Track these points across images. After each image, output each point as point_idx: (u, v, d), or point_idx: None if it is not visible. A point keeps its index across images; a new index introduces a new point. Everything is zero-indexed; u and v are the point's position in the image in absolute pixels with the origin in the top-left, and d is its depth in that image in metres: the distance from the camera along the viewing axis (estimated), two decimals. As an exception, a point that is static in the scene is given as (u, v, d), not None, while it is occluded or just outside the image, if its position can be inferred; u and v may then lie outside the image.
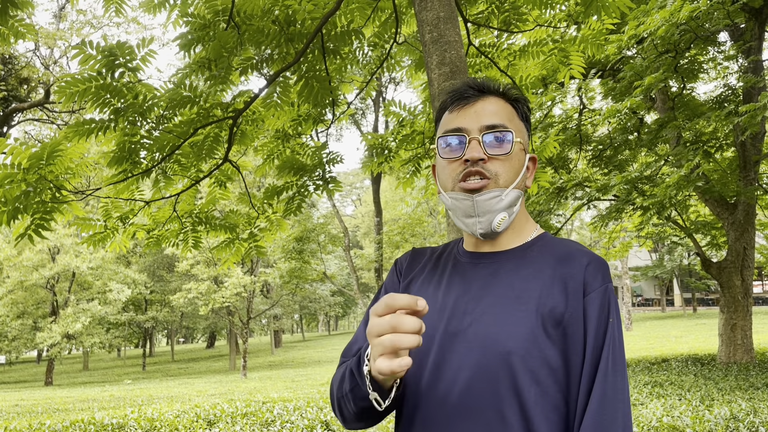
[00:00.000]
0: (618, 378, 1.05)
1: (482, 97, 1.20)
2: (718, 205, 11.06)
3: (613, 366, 1.05)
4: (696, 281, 41.51)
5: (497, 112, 1.18)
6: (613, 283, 12.51)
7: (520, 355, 1.06)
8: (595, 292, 1.09)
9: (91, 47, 3.97)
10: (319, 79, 4.69)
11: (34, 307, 33.90)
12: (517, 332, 1.07)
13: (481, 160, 1.14)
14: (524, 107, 1.24)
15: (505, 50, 5.29)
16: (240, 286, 27.35)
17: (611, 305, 1.09)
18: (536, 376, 1.05)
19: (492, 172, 1.14)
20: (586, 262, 1.12)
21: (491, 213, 1.14)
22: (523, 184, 1.19)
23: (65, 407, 13.06)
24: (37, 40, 16.33)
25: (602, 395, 1.03)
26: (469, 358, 1.09)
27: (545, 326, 1.07)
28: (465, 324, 1.12)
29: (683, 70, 9.74)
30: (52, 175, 4.05)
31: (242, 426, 6.06)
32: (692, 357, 13.40)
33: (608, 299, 1.09)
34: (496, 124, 1.16)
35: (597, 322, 1.07)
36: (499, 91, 1.22)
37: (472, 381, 1.08)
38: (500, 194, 1.14)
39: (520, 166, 1.18)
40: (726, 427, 5.07)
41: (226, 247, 5.62)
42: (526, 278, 1.12)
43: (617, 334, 1.07)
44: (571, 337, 1.07)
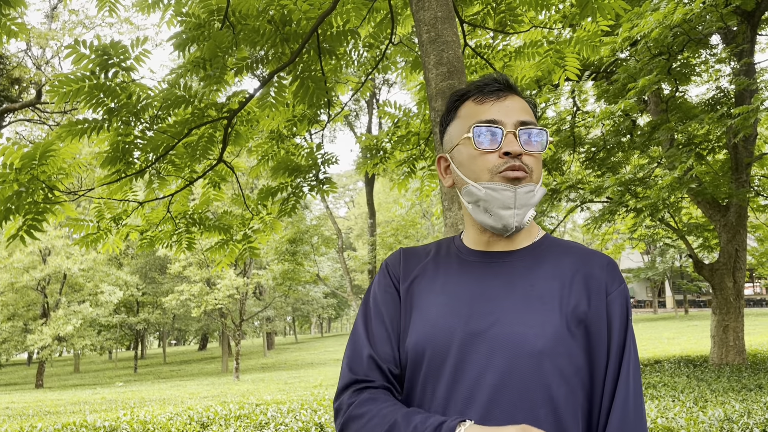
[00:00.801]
0: (638, 377, 1.09)
1: (511, 94, 1.20)
2: (710, 207, 11.11)
3: (634, 364, 1.09)
4: (688, 283, 41.73)
5: (526, 110, 1.19)
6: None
7: (550, 355, 1.05)
8: (616, 291, 1.11)
9: (85, 46, 3.94)
10: (315, 80, 4.68)
11: (24, 309, 33.65)
12: (545, 332, 1.07)
13: (520, 155, 1.13)
14: (536, 110, 1.26)
15: (500, 51, 5.29)
16: (232, 287, 27.27)
17: (629, 306, 1.12)
18: (565, 375, 1.06)
19: (529, 167, 1.14)
20: (605, 261, 1.15)
21: (527, 207, 1.13)
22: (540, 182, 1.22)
23: (56, 410, 12.96)
24: (29, 40, 16.23)
25: (626, 395, 1.06)
26: (495, 360, 1.06)
27: (569, 325, 1.08)
28: (486, 324, 1.08)
29: (676, 72, 9.78)
30: (44, 176, 4.02)
31: (236, 428, 6.02)
32: (685, 358, 13.45)
33: (626, 299, 1.12)
34: (530, 121, 1.17)
35: (620, 321, 1.10)
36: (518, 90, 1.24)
37: (500, 383, 1.05)
38: (534, 189, 1.14)
39: (542, 164, 1.20)
40: (720, 429, 5.08)
41: (220, 249, 5.59)
42: (546, 277, 1.13)
43: (633, 333, 1.11)
44: (595, 335, 1.09)
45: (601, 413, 1.07)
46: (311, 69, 4.74)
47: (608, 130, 11.60)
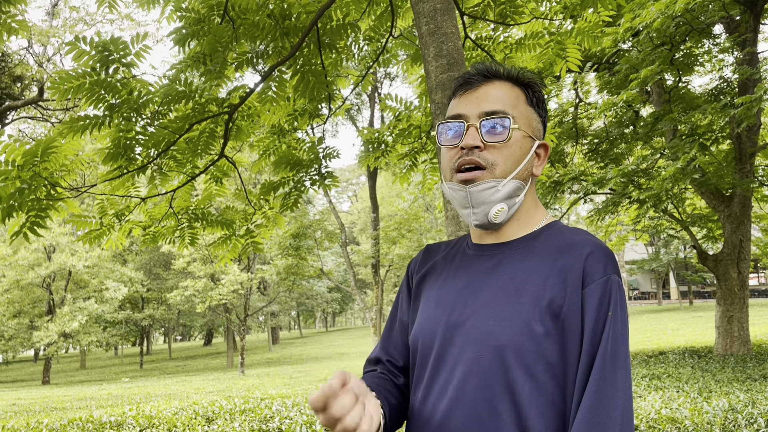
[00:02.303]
0: (618, 375, 0.99)
1: (487, 82, 1.15)
2: (714, 198, 11.07)
3: (612, 361, 0.99)
4: (692, 274, 41.66)
5: (500, 98, 1.13)
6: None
7: (514, 349, 1.03)
8: (594, 283, 1.03)
9: (85, 43, 3.93)
10: (315, 74, 4.67)
11: (30, 306, 33.80)
12: (512, 326, 1.04)
13: (477, 147, 1.10)
14: (537, 92, 1.18)
15: (501, 43, 5.27)
16: (237, 283, 27.33)
17: (612, 298, 1.02)
18: (531, 371, 1.02)
19: (489, 161, 1.10)
20: (587, 251, 1.05)
21: (486, 204, 1.11)
22: (526, 173, 1.14)
23: (63, 406, 13.03)
24: (30, 37, 16.24)
25: (597, 391, 0.98)
26: (466, 352, 1.07)
27: (543, 319, 1.03)
28: (465, 317, 1.10)
29: (679, 62, 9.74)
30: (47, 173, 4.02)
31: (241, 423, 6.04)
32: (689, 349, 13.44)
33: (609, 291, 1.02)
34: (496, 110, 1.11)
35: (595, 315, 1.01)
36: (508, 75, 1.17)
37: (467, 375, 1.06)
38: (496, 185, 1.10)
39: (523, 154, 1.12)
40: (725, 419, 5.08)
41: (223, 244, 5.60)
42: (528, 270, 1.08)
43: (619, 329, 1.01)
44: (569, 330, 1.02)
45: (572, 412, 1.01)
46: (312, 63, 4.73)
47: (611, 122, 11.57)
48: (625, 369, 1.00)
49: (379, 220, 28.31)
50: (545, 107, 1.21)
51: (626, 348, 1.01)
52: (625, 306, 1.04)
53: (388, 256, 29.41)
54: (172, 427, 6.05)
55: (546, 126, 1.21)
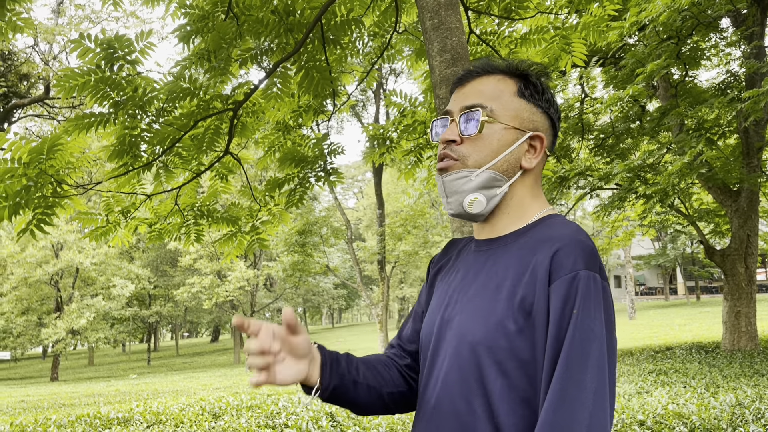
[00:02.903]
0: (587, 375, 0.94)
1: (477, 78, 1.17)
2: (721, 193, 11.02)
3: (579, 361, 0.95)
4: (699, 269, 41.50)
5: (482, 92, 1.14)
6: (615, 272, 12.42)
7: (487, 346, 1.03)
8: (559, 280, 1.00)
9: (90, 40, 3.94)
10: (320, 70, 4.67)
11: (38, 304, 34.00)
12: (487, 323, 1.05)
13: (453, 141, 1.13)
14: (533, 83, 1.17)
15: (506, 38, 5.25)
16: (243, 279, 27.41)
17: (579, 295, 0.98)
18: (503, 369, 1.02)
19: (461, 153, 1.12)
20: (556, 247, 1.02)
21: (459, 194, 1.12)
22: (507, 165, 1.13)
23: (71, 402, 13.11)
24: (36, 36, 16.29)
25: (561, 392, 0.94)
26: (451, 347, 1.10)
27: (516, 317, 1.02)
28: (454, 312, 1.12)
29: (685, 56, 9.67)
30: (52, 170, 4.04)
31: (247, 419, 6.07)
32: (696, 345, 13.39)
33: (576, 288, 0.98)
34: (473, 104, 1.13)
35: (559, 313, 0.98)
36: (502, 68, 1.17)
37: (449, 369, 1.08)
38: (469, 175, 1.11)
39: (502, 146, 1.12)
40: (732, 414, 5.06)
41: (229, 240, 5.61)
42: (508, 266, 1.08)
43: (588, 326, 0.96)
44: (538, 328, 1.01)
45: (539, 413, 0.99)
46: (316, 59, 4.73)
47: (617, 117, 11.52)
48: (596, 369, 0.95)
49: (384, 216, 28.30)
50: (548, 98, 1.17)
51: (599, 347, 0.96)
52: (598, 302, 0.99)
53: (394, 253, 29.42)
54: (179, 423, 6.08)
55: (554, 118, 1.18)
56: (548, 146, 1.18)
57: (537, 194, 1.17)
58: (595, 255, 1.02)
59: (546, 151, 1.17)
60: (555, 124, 1.19)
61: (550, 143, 1.19)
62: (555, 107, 1.18)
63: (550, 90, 1.19)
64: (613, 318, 1.02)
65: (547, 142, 1.17)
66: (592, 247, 1.03)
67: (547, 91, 1.18)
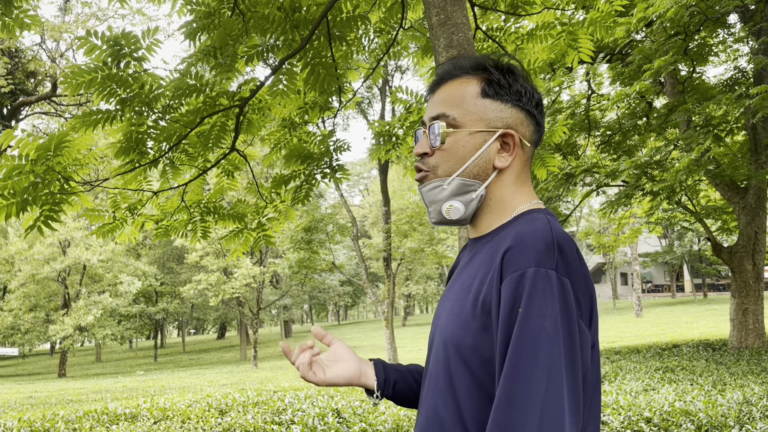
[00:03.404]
0: (537, 373, 0.92)
1: (444, 84, 1.18)
2: (728, 190, 10.97)
3: (530, 360, 0.93)
4: (706, 267, 41.32)
5: (445, 99, 1.15)
6: (621, 270, 12.36)
7: (455, 344, 1.06)
8: (507, 278, 0.99)
9: (97, 37, 3.95)
10: (325, 66, 4.66)
11: (46, 300, 34.19)
12: (456, 321, 1.07)
13: (425, 154, 1.16)
14: (496, 79, 1.14)
15: (512, 34, 5.23)
16: (249, 276, 27.47)
17: (525, 293, 0.96)
18: (469, 366, 1.03)
19: (431, 164, 1.15)
20: (507, 246, 1.02)
21: (436, 203, 1.14)
22: (477, 169, 1.13)
23: (78, 398, 13.19)
24: (43, 33, 16.35)
25: (508, 392, 0.93)
26: (434, 345, 1.15)
27: (480, 315, 1.03)
28: (440, 311, 1.17)
29: (693, 53, 9.62)
30: (60, 167, 4.05)
31: (254, 415, 6.08)
32: (703, 342, 13.34)
33: (523, 287, 0.96)
34: (437, 114, 1.15)
35: (506, 312, 0.97)
36: (466, 68, 1.16)
37: (432, 367, 1.13)
38: (442, 184, 1.13)
39: (468, 152, 1.12)
40: (739, 411, 5.04)
41: (235, 237, 5.62)
42: (480, 264, 1.09)
43: (536, 325, 0.94)
44: (494, 327, 1.01)
45: None
46: (322, 56, 4.73)
47: (624, 113, 11.47)
48: (548, 368, 0.92)
49: (390, 213, 28.28)
50: (517, 90, 1.14)
51: (551, 345, 0.93)
52: (550, 299, 0.95)
53: (400, 250, 29.40)
54: (186, 419, 6.11)
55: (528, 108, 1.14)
56: (529, 138, 1.15)
57: (519, 189, 1.15)
58: (550, 251, 0.99)
59: (526, 144, 1.14)
60: (532, 113, 1.15)
61: (531, 134, 1.16)
62: (528, 96, 1.14)
63: (522, 80, 1.15)
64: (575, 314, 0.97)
65: (527, 135, 1.15)
66: (548, 243, 1.00)
67: (516, 83, 1.14)
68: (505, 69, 1.15)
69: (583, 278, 1.01)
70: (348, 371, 1.27)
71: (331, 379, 1.25)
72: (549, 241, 1.00)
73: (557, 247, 0.99)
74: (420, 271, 43.42)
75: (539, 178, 5.60)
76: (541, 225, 1.04)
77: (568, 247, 1.01)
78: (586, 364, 0.99)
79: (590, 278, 1.04)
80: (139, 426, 5.78)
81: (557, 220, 1.10)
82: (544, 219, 1.06)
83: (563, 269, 0.98)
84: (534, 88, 1.16)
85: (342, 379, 1.26)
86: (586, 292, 1.01)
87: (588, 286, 1.02)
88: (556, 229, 1.03)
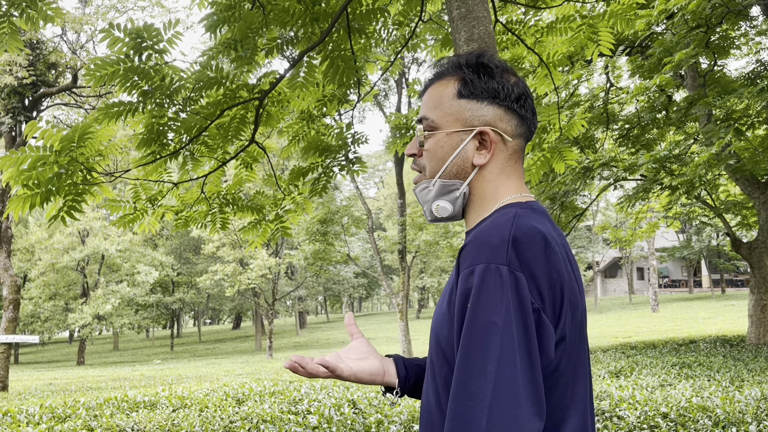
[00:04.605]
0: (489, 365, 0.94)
1: (430, 87, 1.21)
2: (749, 184, 10.84)
3: (477, 353, 0.95)
4: (725, 262, 40.86)
5: (427, 102, 1.20)
6: (638, 264, 12.30)
7: (435, 334, 1.11)
8: (461, 275, 1.03)
9: (119, 30, 3.99)
10: (345, 59, 4.67)
11: (65, 289, 34.68)
12: (438, 313, 1.13)
13: (413, 155, 1.22)
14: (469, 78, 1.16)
15: (532, 27, 5.20)
16: (265, 268, 27.64)
17: (474, 288, 0.98)
18: (446, 356, 1.07)
19: (421, 165, 1.21)
20: (466, 242, 1.07)
21: (427, 203, 1.20)
22: (456, 168, 1.16)
23: (98, 386, 13.39)
24: (64, 25, 16.50)
25: (459, 384, 0.96)
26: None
27: (452, 309, 1.06)
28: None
29: (714, 45, 9.50)
30: (83, 158, 4.11)
31: (270, 404, 6.15)
32: (721, 338, 13.23)
33: (471, 282, 0.99)
34: (420, 117, 1.20)
35: (459, 308, 1.01)
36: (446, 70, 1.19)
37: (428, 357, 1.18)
38: (428, 185, 1.19)
39: (446, 153, 1.16)
40: (757, 408, 5.01)
41: (253, 228, 5.67)
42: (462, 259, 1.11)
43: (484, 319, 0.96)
44: None
45: None
46: (341, 48, 4.74)
47: (643, 107, 11.36)
48: (498, 361, 0.94)
49: (405, 206, 28.27)
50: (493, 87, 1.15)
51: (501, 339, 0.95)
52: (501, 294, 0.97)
53: (415, 242, 29.41)
54: (203, 408, 6.19)
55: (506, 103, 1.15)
56: (511, 132, 1.15)
57: (503, 184, 1.16)
58: (503, 246, 1.00)
59: (508, 139, 1.15)
60: (512, 108, 1.15)
61: (514, 128, 1.16)
62: (506, 92, 1.15)
63: (498, 76, 1.16)
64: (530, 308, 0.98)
65: (508, 130, 1.15)
66: (503, 238, 1.01)
67: (492, 81, 1.15)
68: (480, 67, 1.16)
69: (552, 272, 1.01)
70: (373, 367, 1.28)
71: (356, 372, 1.25)
72: (504, 236, 1.01)
73: (512, 242, 1.00)
74: (434, 263, 43.40)
75: (557, 172, 5.58)
76: (504, 221, 1.05)
77: (529, 241, 1.01)
78: (549, 356, 0.99)
79: (564, 272, 1.04)
80: (158, 413, 5.87)
81: (537, 214, 1.10)
82: (512, 213, 1.07)
83: (517, 264, 0.99)
84: (515, 83, 1.17)
85: (366, 374, 1.27)
86: (554, 286, 1.01)
87: (559, 280, 1.02)
88: (519, 224, 1.03)
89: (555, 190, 11.06)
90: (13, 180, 3.89)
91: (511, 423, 0.92)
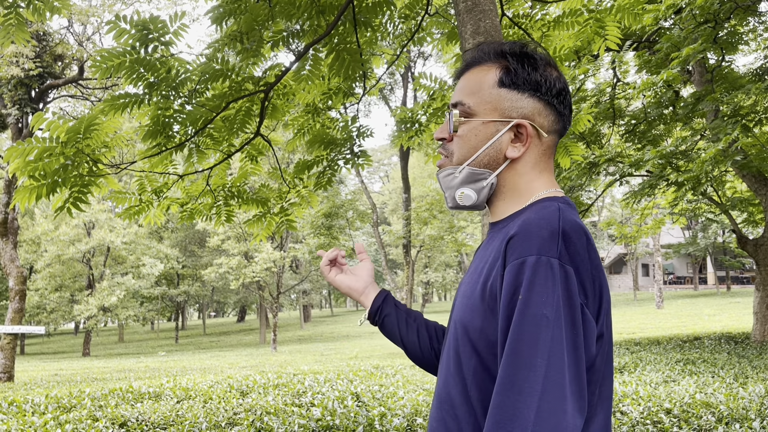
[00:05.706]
0: (538, 359, 0.93)
1: (468, 71, 1.19)
2: (756, 181, 10.79)
3: (528, 346, 0.94)
4: (730, 259, 40.71)
5: (465, 87, 1.17)
6: (643, 261, 12.28)
7: (464, 325, 1.09)
8: (509, 266, 1.00)
9: (125, 22, 3.99)
10: (350, 52, 4.67)
11: (71, 281, 34.84)
12: (466, 303, 1.10)
13: (443, 139, 1.20)
14: (514, 68, 1.14)
15: (538, 21, 5.18)
16: (270, 261, 27.68)
17: (525, 280, 0.97)
18: (476, 348, 1.06)
19: (449, 150, 1.19)
20: (511, 233, 1.03)
21: (450, 189, 1.18)
22: (488, 158, 1.14)
23: (103, 377, 13.47)
24: (71, 17, 16.52)
25: (507, 377, 0.94)
26: (449, 327, 1.19)
27: (487, 299, 1.05)
28: (457, 294, 1.20)
29: (723, 41, 9.43)
30: (89, 149, 4.12)
31: (274, 396, 6.18)
32: (725, 335, 13.20)
33: (523, 274, 0.97)
34: (455, 101, 1.18)
35: (507, 300, 0.99)
36: (489, 56, 1.17)
37: (447, 348, 1.16)
38: (454, 171, 1.17)
39: (480, 141, 1.14)
40: (761, 405, 5.00)
41: (258, 221, 5.68)
42: (493, 249, 1.10)
43: (535, 312, 0.95)
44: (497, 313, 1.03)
45: None
46: (347, 41, 4.73)
47: (649, 102, 11.30)
48: (548, 355, 0.93)
49: (410, 200, 28.27)
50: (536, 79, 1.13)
51: (551, 332, 0.94)
52: (552, 287, 0.96)
53: (419, 237, 29.42)
54: (208, 399, 6.22)
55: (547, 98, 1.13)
56: (548, 128, 1.14)
57: (537, 177, 1.15)
58: (553, 239, 0.99)
59: (543, 134, 1.14)
60: (552, 103, 1.14)
61: (551, 124, 1.14)
62: (548, 86, 1.13)
63: (542, 68, 1.14)
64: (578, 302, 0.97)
65: (545, 125, 1.14)
66: (553, 231, 1.00)
67: (536, 72, 1.13)
68: (524, 57, 1.14)
69: (593, 268, 1.01)
70: (353, 284, 1.49)
71: (338, 281, 1.50)
72: (554, 229, 1.00)
73: (562, 236, 0.99)
74: (439, 258, 43.42)
75: (563, 167, 5.57)
76: (549, 213, 1.04)
77: (575, 235, 1.00)
78: (591, 352, 0.98)
79: (602, 269, 1.04)
80: (162, 404, 5.90)
81: (573, 209, 1.10)
82: (555, 207, 1.06)
83: (567, 258, 0.98)
84: (557, 77, 1.15)
85: (344, 286, 1.49)
86: (595, 282, 1.01)
87: (598, 277, 1.01)
88: (566, 218, 1.03)
89: (560, 185, 11.04)
90: (20, 171, 3.90)
91: (559, 418, 0.91)
